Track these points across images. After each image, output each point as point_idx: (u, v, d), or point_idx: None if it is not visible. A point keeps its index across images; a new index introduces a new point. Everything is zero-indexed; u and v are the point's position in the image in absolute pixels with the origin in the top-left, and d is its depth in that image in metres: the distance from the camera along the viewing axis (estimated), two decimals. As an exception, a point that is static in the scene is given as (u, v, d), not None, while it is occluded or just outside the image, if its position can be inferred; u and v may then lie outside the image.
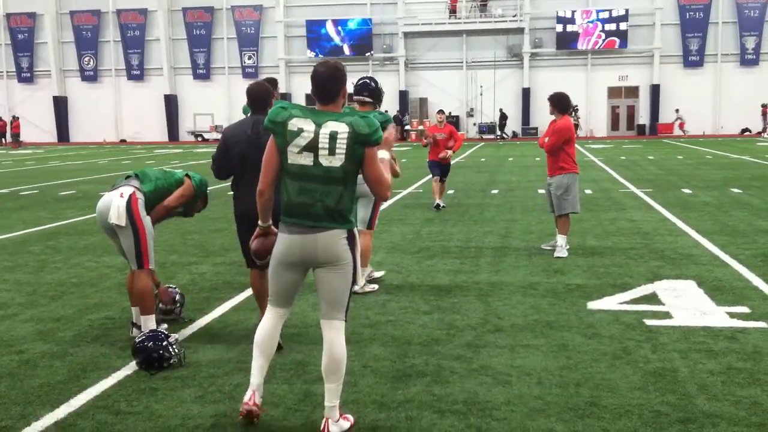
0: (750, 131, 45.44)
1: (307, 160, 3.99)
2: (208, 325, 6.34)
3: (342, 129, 3.98)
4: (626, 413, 4.33)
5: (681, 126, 45.59)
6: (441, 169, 13.64)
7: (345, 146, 3.96)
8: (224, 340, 5.87)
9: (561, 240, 9.15)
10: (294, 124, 4.00)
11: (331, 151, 3.97)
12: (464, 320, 6.31)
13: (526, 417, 4.31)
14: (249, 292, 7.33)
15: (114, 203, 5.63)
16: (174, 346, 5.26)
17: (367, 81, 7.20)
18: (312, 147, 3.97)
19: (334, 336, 4.10)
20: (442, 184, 13.73)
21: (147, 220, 5.73)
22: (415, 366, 5.19)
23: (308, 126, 3.99)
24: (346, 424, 4.15)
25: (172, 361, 5.21)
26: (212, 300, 7.18)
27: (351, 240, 4.12)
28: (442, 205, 13.46)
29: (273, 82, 6.53)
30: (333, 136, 3.97)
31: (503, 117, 46.79)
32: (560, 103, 9.13)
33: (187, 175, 6.14)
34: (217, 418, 4.35)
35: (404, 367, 5.17)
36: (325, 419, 4.09)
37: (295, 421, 4.30)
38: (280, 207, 4.13)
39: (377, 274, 7.91)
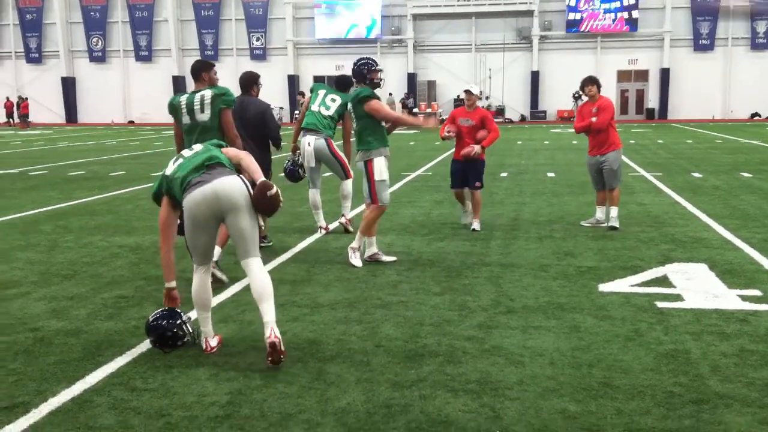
0: (759, 116, 45.22)
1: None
2: (222, 303, 6.35)
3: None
4: (639, 394, 4.35)
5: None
6: (464, 172, 9.57)
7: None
8: (237, 320, 5.89)
9: (615, 212, 9.68)
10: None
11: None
12: (476, 301, 6.33)
13: (539, 397, 4.33)
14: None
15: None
16: (187, 325, 5.29)
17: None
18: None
19: (257, 269, 4.96)
20: (475, 194, 9.64)
21: None
22: (427, 346, 5.21)
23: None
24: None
25: (185, 339, 5.24)
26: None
27: (244, 179, 5.04)
28: (475, 227, 9.61)
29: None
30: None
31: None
32: (600, 84, 9.81)
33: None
34: (233, 396, 4.38)
35: (417, 347, 5.19)
36: (270, 328, 4.81)
37: (309, 398, 4.33)
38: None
39: (386, 259, 7.93)
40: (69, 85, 53.74)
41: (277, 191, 5.01)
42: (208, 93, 6.75)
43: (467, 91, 9.53)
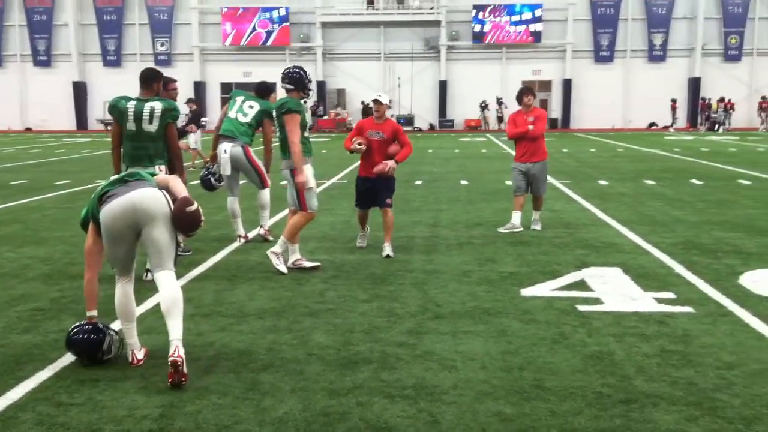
0: (657, 125, 47.05)
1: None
2: (143, 315, 6.18)
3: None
4: (570, 395, 4.46)
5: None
6: (374, 190, 8.66)
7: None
8: (161, 331, 5.70)
9: (537, 215, 10.40)
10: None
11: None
12: (404, 308, 6.36)
13: (474, 400, 4.38)
14: (180, 282, 7.22)
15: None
16: (112, 338, 5.10)
17: (290, 70, 7.99)
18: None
19: (173, 281, 4.85)
20: (387, 213, 8.68)
21: None
22: (360, 353, 5.21)
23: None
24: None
25: (110, 355, 5.05)
26: (143, 291, 6.96)
27: (166, 192, 4.92)
28: (388, 253, 8.55)
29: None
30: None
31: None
32: (535, 93, 10.54)
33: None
34: (165, 409, 4.26)
35: (349, 355, 5.18)
36: (175, 346, 4.62)
37: (245, 409, 4.26)
38: None
39: (309, 264, 7.93)
40: (-38, 90, 51.39)
41: (197, 208, 4.91)
42: (158, 106, 7.04)
43: (376, 101, 8.52)
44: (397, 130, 8.71)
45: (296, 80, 7.89)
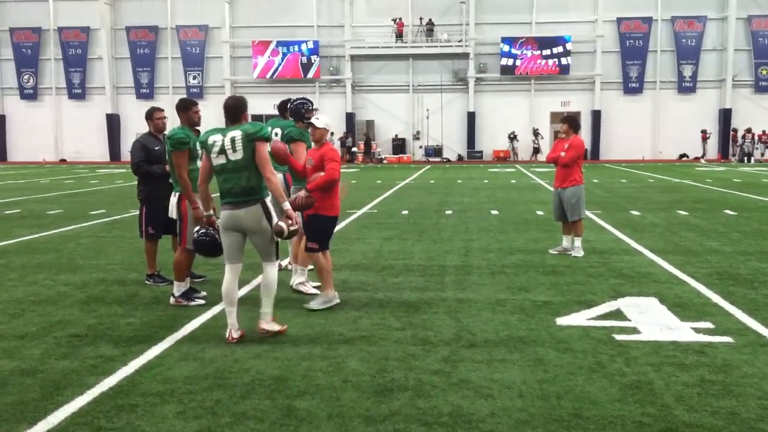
0: (687, 156, 46.70)
1: (221, 159, 6.17)
2: (178, 342, 6.23)
3: (237, 134, 6.11)
4: (610, 424, 4.40)
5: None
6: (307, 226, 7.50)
7: (241, 144, 6.08)
8: (197, 357, 5.78)
9: (578, 242, 10.60)
10: (211, 139, 6.23)
11: (234, 149, 6.10)
12: (438, 336, 6.34)
13: (512, 429, 4.35)
14: (215, 309, 7.26)
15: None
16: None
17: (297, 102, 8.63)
18: (222, 150, 6.14)
19: (269, 269, 6.28)
20: (315, 258, 7.46)
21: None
22: (395, 380, 5.19)
23: (218, 138, 6.19)
24: (276, 326, 6.32)
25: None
26: (179, 318, 7.06)
27: (264, 207, 6.21)
28: (311, 305, 7.38)
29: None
30: (233, 140, 6.11)
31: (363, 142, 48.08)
32: (576, 123, 10.69)
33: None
34: (203, 434, 4.28)
35: (384, 382, 5.17)
36: (257, 319, 6.33)
37: (282, 435, 4.26)
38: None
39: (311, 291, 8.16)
40: (-1, 123, 52.39)
41: (287, 234, 6.19)
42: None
43: (310, 124, 7.47)
44: (323, 156, 7.29)
45: (293, 112, 8.49)
